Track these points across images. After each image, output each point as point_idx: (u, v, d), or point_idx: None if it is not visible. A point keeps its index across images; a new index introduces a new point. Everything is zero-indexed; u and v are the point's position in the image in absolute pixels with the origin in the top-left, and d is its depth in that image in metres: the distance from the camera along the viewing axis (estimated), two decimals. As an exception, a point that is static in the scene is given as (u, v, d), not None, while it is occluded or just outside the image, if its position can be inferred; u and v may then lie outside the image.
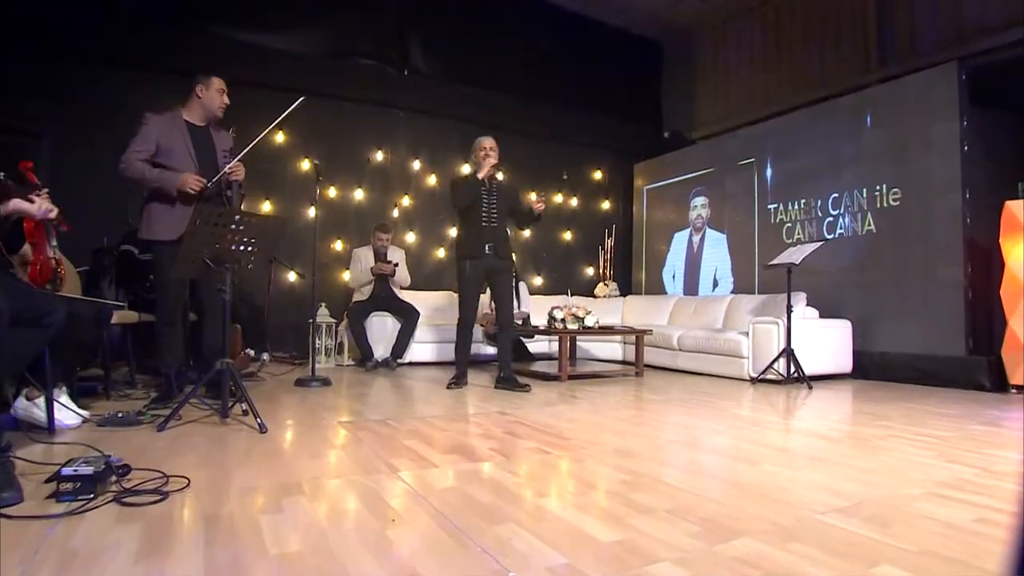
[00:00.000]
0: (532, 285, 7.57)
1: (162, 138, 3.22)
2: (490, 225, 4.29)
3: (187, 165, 3.23)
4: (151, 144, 3.19)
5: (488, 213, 4.29)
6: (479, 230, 4.27)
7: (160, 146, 3.21)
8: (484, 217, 4.27)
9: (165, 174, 3.17)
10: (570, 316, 5.01)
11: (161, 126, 3.24)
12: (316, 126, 6.68)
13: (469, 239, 4.30)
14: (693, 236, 7.30)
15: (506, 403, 3.68)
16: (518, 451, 2.39)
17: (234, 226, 2.68)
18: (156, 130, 3.22)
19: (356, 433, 2.69)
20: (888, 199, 5.25)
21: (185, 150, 3.26)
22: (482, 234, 4.27)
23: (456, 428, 2.86)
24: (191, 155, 3.26)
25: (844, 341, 5.23)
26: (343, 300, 6.22)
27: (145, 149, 3.17)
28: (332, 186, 6.74)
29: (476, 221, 4.28)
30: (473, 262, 4.25)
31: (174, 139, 3.25)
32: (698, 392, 4.36)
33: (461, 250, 4.35)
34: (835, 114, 5.79)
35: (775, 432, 2.86)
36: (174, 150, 3.23)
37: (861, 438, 2.72)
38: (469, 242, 4.30)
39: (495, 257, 4.28)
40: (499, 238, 4.32)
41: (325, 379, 4.39)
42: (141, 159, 3.16)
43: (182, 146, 3.26)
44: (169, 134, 3.24)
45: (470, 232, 4.31)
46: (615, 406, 3.63)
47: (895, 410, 3.56)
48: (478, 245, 4.25)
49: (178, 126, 3.28)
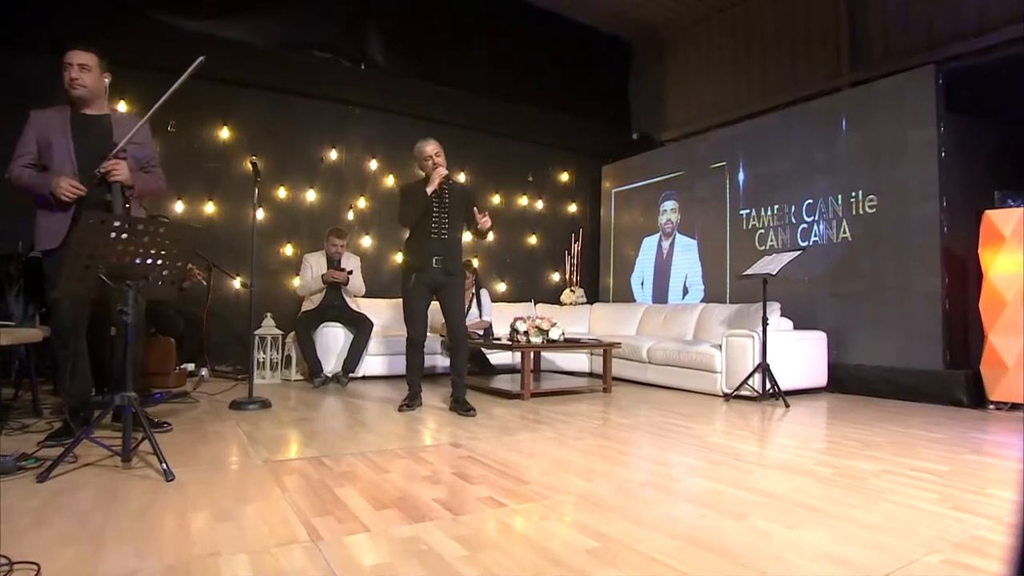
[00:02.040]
0: (495, 292, 7.23)
1: (41, 136, 2.77)
2: (439, 237, 3.90)
3: (64, 164, 2.75)
4: (31, 145, 2.75)
5: (438, 225, 3.89)
6: (426, 242, 3.88)
7: (39, 145, 2.76)
8: (433, 228, 3.88)
9: (38, 179, 2.72)
10: (533, 329, 4.69)
11: (40, 122, 2.79)
12: (265, 123, 6.23)
13: (416, 251, 3.92)
14: (663, 241, 7.06)
15: (460, 430, 3.33)
16: (468, 503, 2.04)
17: (124, 236, 2.26)
18: (35, 128, 2.78)
19: (282, 478, 2.31)
20: (864, 206, 5.05)
21: (64, 147, 2.77)
22: (430, 247, 3.88)
23: (400, 468, 2.50)
24: (69, 152, 2.77)
25: (819, 354, 5.01)
26: (294, 309, 5.77)
27: (27, 152, 2.74)
28: (282, 186, 6.29)
29: (424, 233, 3.89)
30: (419, 275, 3.88)
31: (53, 134, 2.78)
32: (669, 412, 4.07)
33: (407, 261, 3.99)
34: (809, 117, 5.59)
35: (759, 470, 2.57)
36: (52, 148, 2.76)
37: (854, 475, 2.45)
38: (416, 254, 3.92)
39: (443, 272, 3.90)
40: (449, 251, 3.93)
41: (264, 400, 3.97)
42: (24, 164, 2.72)
43: (61, 142, 2.78)
44: (48, 129, 2.78)
45: (417, 243, 3.93)
46: (580, 433, 3.31)
47: (880, 435, 3.32)
48: (425, 257, 3.87)
49: (61, 119, 2.81)
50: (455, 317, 3.98)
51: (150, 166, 3.09)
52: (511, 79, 7.51)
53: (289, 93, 6.35)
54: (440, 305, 3.99)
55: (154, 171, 3.10)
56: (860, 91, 5.29)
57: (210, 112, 6.00)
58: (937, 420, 3.85)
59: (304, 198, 6.40)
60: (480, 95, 7.17)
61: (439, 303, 4.00)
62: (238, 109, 6.12)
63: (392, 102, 6.79)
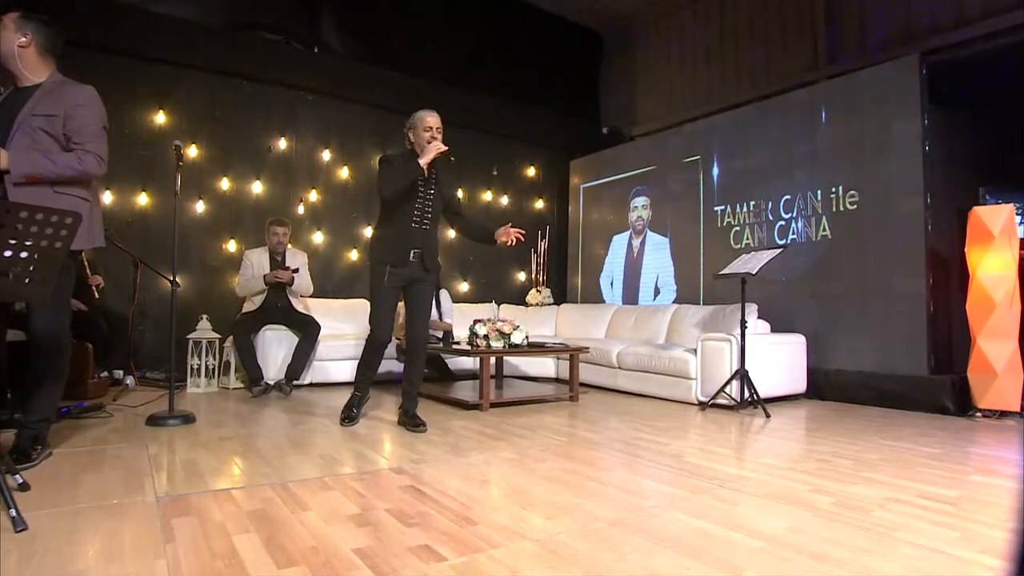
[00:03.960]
0: (456, 292, 6.82)
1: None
2: (421, 227, 3.38)
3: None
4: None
5: (421, 211, 3.37)
6: (406, 232, 3.35)
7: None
8: (416, 216, 3.36)
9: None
10: (494, 332, 4.29)
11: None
12: (208, 107, 5.72)
13: (391, 241, 3.36)
14: (633, 240, 6.73)
15: (407, 450, 2.92)
16: (398, 556, 1.64)
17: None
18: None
19: (173, 521, 1.87)
20: (845, 202, 4.79)
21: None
22: (409, 237, 3.35)
23: (324, 503, 2.08)
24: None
25: (798, 358, 4.73)
26: (236, 311, 5.26)
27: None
28: (225, 177, 5.78)
29: (403, 220, 3.34)
30: (393, 270, 3.34)
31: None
32: (641, 425, 3.72)
33: (379, 253, 3.39)
34: (786, 110, 5.31)
35: (748, 500, 2.22)
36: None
37: (857, 506, 2.11)
38: (391, 245, 3.36)
39: (420, 267, 3.40)
40: (428, 244, 3.41)
41: (187, 415, 3.50)
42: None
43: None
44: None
45: (394, 233, 3.36)
46: (543, 453, 2.92)
47: (872, 450, 3.02)
48: (402, 250, 3.34)
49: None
50: (420, 319, 3.53)
51: (73, 143, 2.55)
52: (475, 68, 7.12)
53: (234, 76, 5.86)
54: (405, 304, 3.53)
55: (77, 150, 2.52)
56: (841, 82, 5.02)
57: (144, 94, 5.47)
58: (927, 431, 3.57)
59: (250, 190, 5.90)
60: (441, 83, 6.75)
61: (404, 301, 3.54)
62: (176, 92, 5.59)
63: (347, 89, 6.34)
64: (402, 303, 3.57)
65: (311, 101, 6.24)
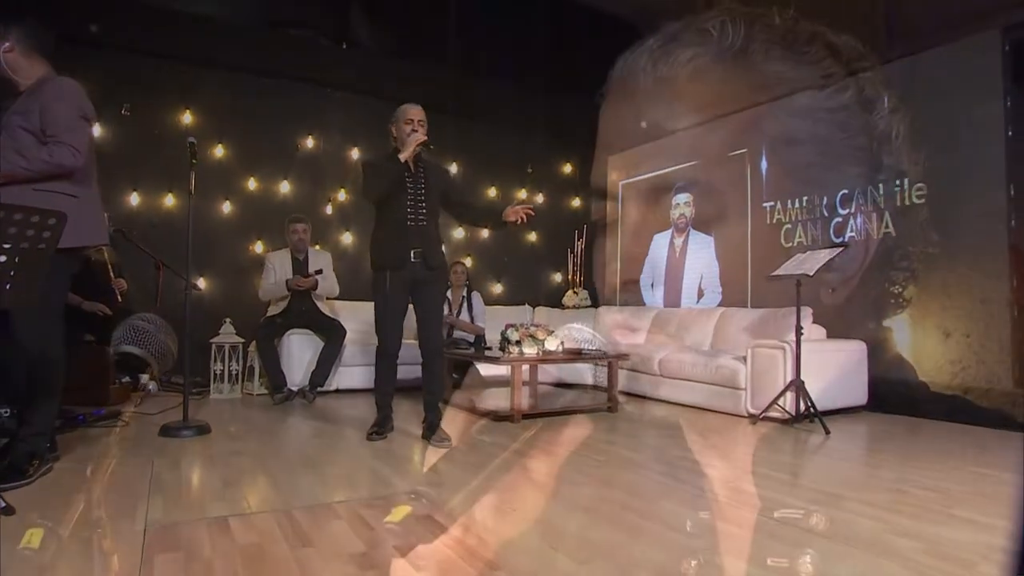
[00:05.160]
0: (489, 295, 6.57)
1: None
2: (417, 224, 3.20)
3: None
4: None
5: (415, 207, 3.19)
6: (402, 231, 3.17)
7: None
8: (409, 213, 3.18)
9: None
10: (527, 337, 4.02)
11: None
12: (234, 106, 5.60)
13: (389, 244, 3.20)
14: (675, 238, 6.36)
15: (428, 470, 2.67)
16: (401, 614, 1.38)
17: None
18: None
19: (156, 558, 1.66)
20: (911, 196, 4.36)
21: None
22: (407, 236, 3.17)
23: (328, 537, 1.84)
24: None
25: (858, 367, 4.32)
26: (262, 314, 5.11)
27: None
28: (252, 177, 5.67)
29: (398, 219, 3.17)
30: (395, 274, 3.17)
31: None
32: (686, 442, 3.39)
33: (378, 258, 3.23)
34: (843, 96, 4.88)
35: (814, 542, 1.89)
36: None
37: (954, 556, 1.76)
38: (389, 247, 3.19)
39: (423, 266, 3.20)
40: (428, 241, 3.23)
41: (201, 426, 3.32)
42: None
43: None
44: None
45: (390, 234, 3.20)
46: (577, 476, 2.64)
47: (960, 480, 2.63)
48: (401, 251, 3.16)
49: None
50: (432, 324, 3.31)
51: (48, 136, 2.39)
52: (508, 62, 6.84)
53: (261, 74, 5.73)
54: (414, 309, 3.32)
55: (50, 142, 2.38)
56: (906, 64, 4.58)
57: (171, 95, 5.39)
58: (1015, 454, 3.15)
59: (277, 190, 5.78)
60: (474, 79, 6.51)
61: (413, 306, 3.33)
62: (203, 92, 5.50)
63: (376, 85, 6.13)
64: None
65: (339, 98, 6.08)
